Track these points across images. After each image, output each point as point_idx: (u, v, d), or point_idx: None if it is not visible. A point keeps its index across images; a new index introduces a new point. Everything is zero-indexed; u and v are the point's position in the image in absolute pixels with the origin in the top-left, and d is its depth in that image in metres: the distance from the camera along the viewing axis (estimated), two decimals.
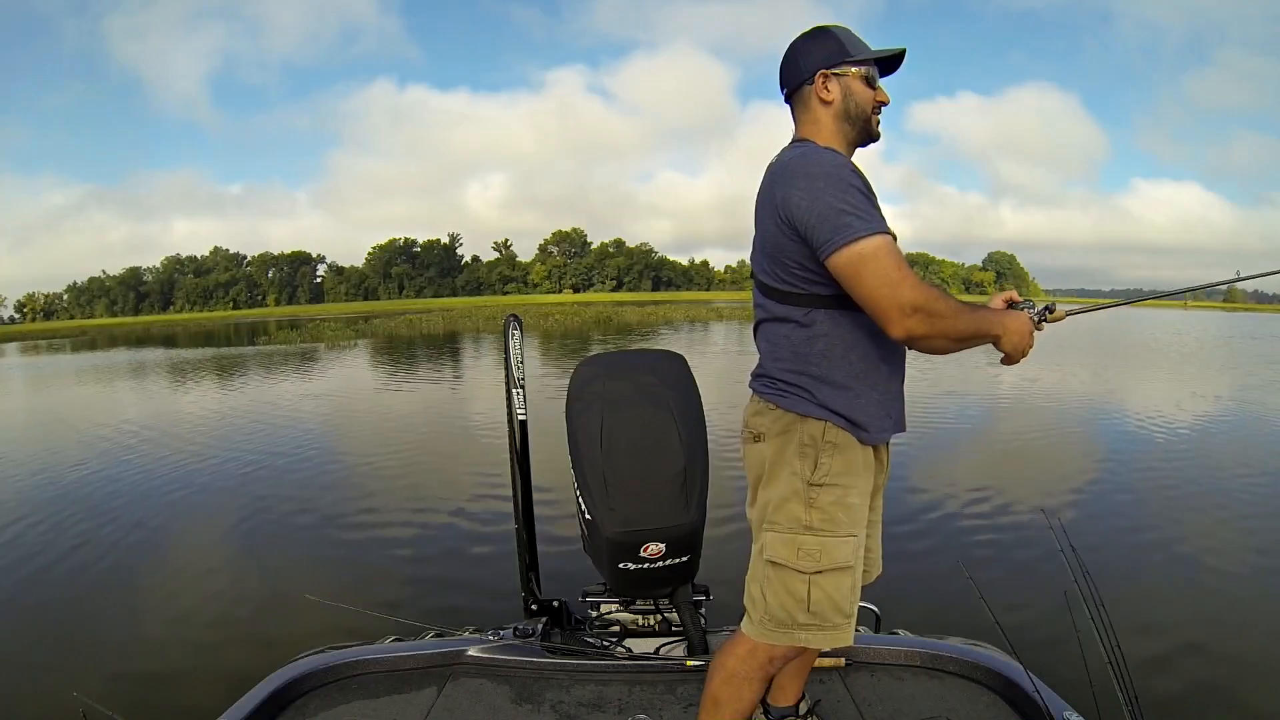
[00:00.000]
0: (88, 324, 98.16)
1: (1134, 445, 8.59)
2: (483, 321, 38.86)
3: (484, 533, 5.37)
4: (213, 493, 6.73)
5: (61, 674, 3.48)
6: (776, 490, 1.52)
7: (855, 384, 1.49)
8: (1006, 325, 1.47)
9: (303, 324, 44.61)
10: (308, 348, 26.84)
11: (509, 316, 2.43)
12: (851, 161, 1.47)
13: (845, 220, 1.35)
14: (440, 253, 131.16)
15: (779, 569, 1.51)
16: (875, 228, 1.36)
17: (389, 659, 2.10)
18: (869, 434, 1.49)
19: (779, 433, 1.52)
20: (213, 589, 4.54)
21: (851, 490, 1.49)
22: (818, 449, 1.48)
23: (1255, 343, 29.38)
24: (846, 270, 1.38)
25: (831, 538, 1.48)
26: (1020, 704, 1.84)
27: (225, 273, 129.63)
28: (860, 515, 1.51)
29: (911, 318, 1.35)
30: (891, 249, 1.36)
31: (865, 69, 1.54)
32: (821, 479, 1.48)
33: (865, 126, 1.57)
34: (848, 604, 1.51)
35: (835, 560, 1.48)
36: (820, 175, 1.41)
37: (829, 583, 1.49)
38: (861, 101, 1.55)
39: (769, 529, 1.53)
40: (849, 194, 1.38)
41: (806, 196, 1.40)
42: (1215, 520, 5.73)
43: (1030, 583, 4.25)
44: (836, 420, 1.48)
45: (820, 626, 1.50)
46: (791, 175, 1.45)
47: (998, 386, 13.59)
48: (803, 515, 1.49)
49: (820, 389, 1.48)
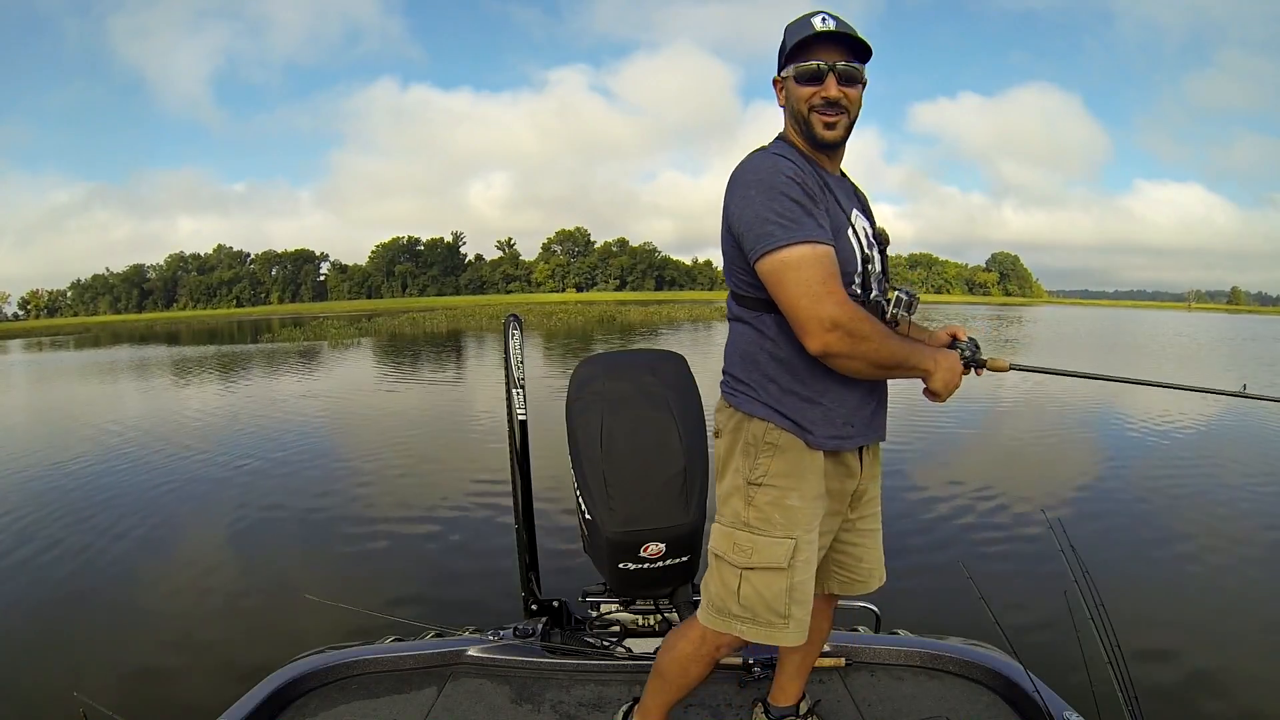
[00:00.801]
0: (91, 321, 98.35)
1: (1134, 446, 8.58)
2: (486, 320, 38.88)
3: (484, 533, 5.37)
4: (213, 492, 6.74)
5: (61, 674, 3.48)
6: (724, 484, 1.56)
7: (802, 388, 1.47)
8: (939, 362, 1.44)
9: (306, 322, 44.71)
10: (311, 346, 26.89)
11: (509, 316, 2.43)
12: (794, 166, 1.41)
13: (768, 229, 1.35)
14: (444, 251, 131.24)
15: (718, 560, 1.55)
16: (800, 236, 1.34)
17: (389, 659, 2.10)
18: (814, 438, 1.47)
19: (731, 430, 1.54)
20: (213, 589, 4.55)
21: (791, 493, 1.48)
22: (759, 448, 1.49)
23: (1256, 344, 29.29)
24: (769, 279, 1.37)
25: (765, 537, 1.49)
26: (1020, 704, 1.84)
27: (229, 270, 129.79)
28: (803, 518, 1.49)
29: (831, 333, 1.33)
30: (817, 260, 1.34)
31: (797, 65, 1.47)
32: (759, 478, 1.49)
33: (807, 130, 1.49)
34: (782, 604, 1.49)
35: (767, 560, 1.48)
36: (754, 183, 1.40)
37: (760, 580, 1.49)
38: (795, 102, 1.49)
39: (716, 520, 1.58)
40: (777, 202, 1.36)
41: (739, 204, 1.41)
42: (1215, 520, 5.73)
43: (1030, 583, 4.24)
44: (780, 421, 1.48)
45: (754, 621, 1.51)
46: (732, 183, 1.45)
47: (998, 387, 13.56)
48: (742, 511, 1.51)
49: (767, 389, 1.49)
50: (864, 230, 1.55)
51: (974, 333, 1.61)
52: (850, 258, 1.46)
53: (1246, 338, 33.32)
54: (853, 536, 1.67)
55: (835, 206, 1.46)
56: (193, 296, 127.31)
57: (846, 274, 1.44)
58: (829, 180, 1.49)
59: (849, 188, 1.62)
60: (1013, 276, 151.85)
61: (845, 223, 1.48)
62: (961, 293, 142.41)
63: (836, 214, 1.46)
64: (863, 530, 1.68)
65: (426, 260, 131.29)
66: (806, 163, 1.46)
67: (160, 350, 28.76)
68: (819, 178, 1.46)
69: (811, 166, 1.47)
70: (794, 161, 1.42)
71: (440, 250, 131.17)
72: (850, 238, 1.47)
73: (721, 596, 1.54)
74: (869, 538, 1.69)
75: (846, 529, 1.66)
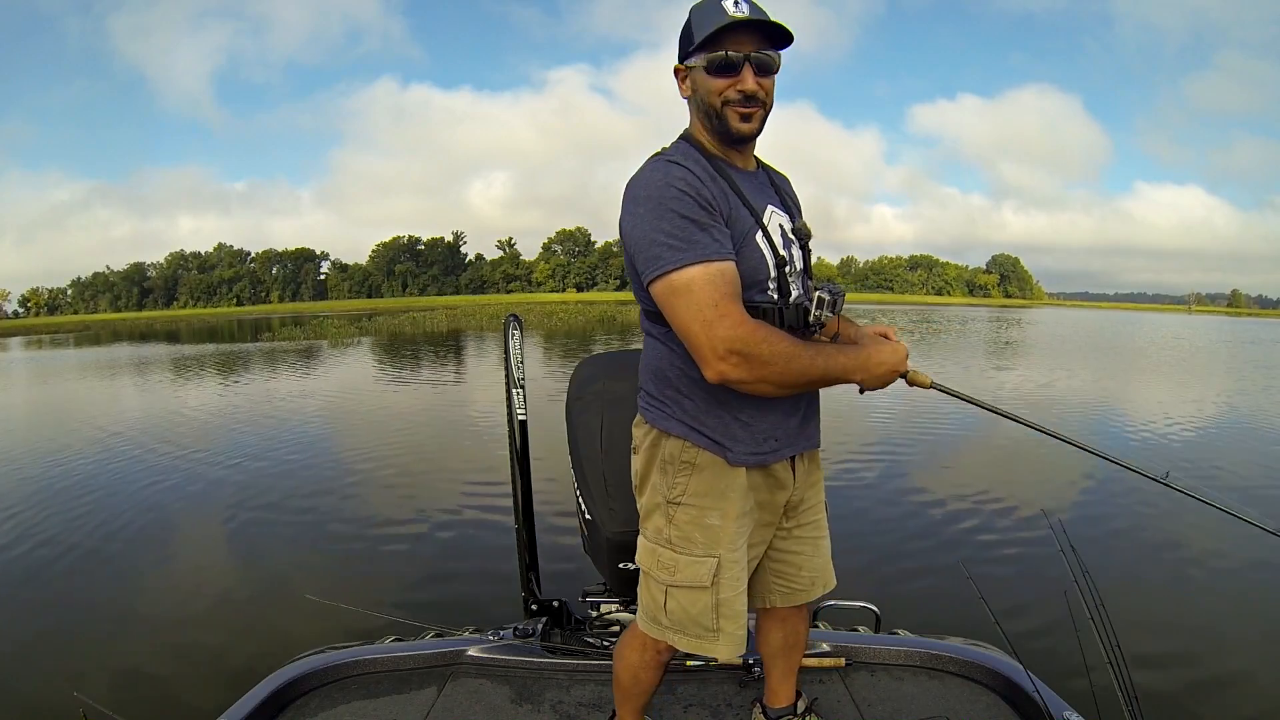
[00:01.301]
0: (91, 319, 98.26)
1: (1134, 446, 8.58)
2: (486, 320, 38.86)
3: (484, 533, 5.36)
4: (212, 491, 6.73)
5: (61, 674, 3.47)
6: (644, 501, 1.52)
7: (719, 404, 1.40)
8: (870, 369, 1.34)
9: (306, 321, 44.69)
10: (310, 345, 26.87)
11: (509, 316, 2.42)
12: (689, 175, 1.30)
13: (655, 251, 1.27)
14: (444, 251, 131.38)
15: (644, 574, 1.52)
16: (690, 258, 1.25)
17: (389, 659, 2.10)
18: (734, 455, 1.41)
19: (647, 447, 1.49)
20: (213, 588, 4.54)
21: (710, 512, 1.43)
22: (675, 467, 1.44)
23: (1256, 347, 29.29)
24: (661, 304, 1.31)
25: (686, 556, 1.45)
26: (1020, 704, 1.84)
27: (229, 269, 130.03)
28: (725, 537, 1.43)
29: (725, 361, 1.24)
30: (709, 280, 1.25)
31: (707, 55, 1.35)
32: (678, 498, 1.44)
33: (719, 124, 1.39)
34: (709, 620, 1.46)
35: (689, 578, 1.45)
36: (643, 199, 1.31)
37: (685, 597, 1.46)
38: (705, 95, 1.37)
39: (641, 534, 1.54)
40: (666, 220, 1.27)
41: (629, 223, 1.33)
42: (1215, 521, 5.63)
43: (1030, 583, 4.25)
44: (696, 439, 1.42)
45: (684, 633, 1.48)
46: (624, 199, 1.36)
47: (999, 388, 13.57)
48: (663, 528, 1.47)
49: (681, 404, 1.43)
50: (780, 228, 1.45)
51: (974, 334, 1.59)
52: (760, 264, 1.38)
53: (1247, 341, 33.31)
54: (790, 545, 1.61)
55: (743, 210, 1.37)
56: (193, 295, 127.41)
57: (759, 281, 1.37)
58: (738, 179, 1.40)
59: (764, 181, 1.51)
60: (1013, 278, 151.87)
61: (754, 225, 1.38)
62: (962, 294, 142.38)
63: (744, 218, 1.37)
64: (801, 539, 1.61)
65: (427, 260, 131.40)
66: (710, 164, 1.37)
67: (160, 348, 28.73)
68: (724, 180, 1.37)
69: (716, 167, 1.38)
70: (690, 168, 1.32)
71: (441, 250, 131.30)
72: (760, 241, 1.38)
73: (651, 608, 1.52)
74: (810, 545, 1.62)
75: (783, 538, 1.60)
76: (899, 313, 56.95)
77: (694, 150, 1.39)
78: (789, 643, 1.73)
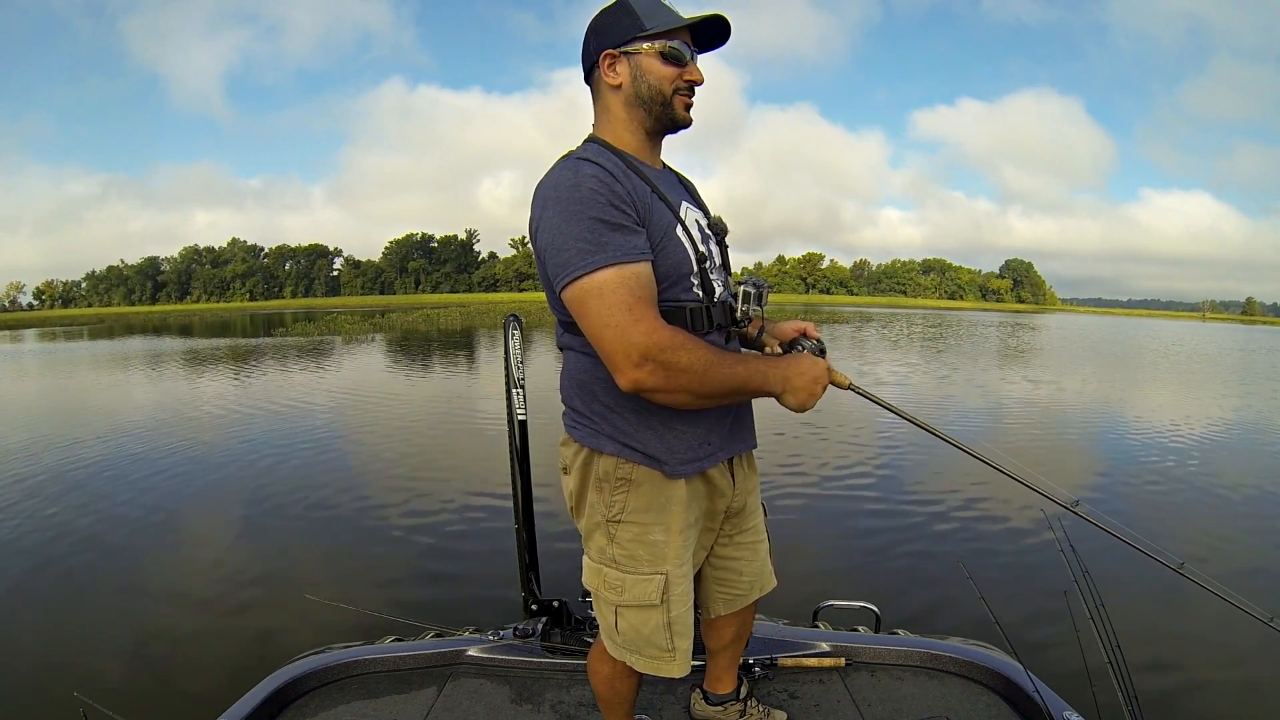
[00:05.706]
0: (105, 312, 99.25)
1: (1134, 448, 8.52)
2: (498, 318, 38.87)
3: (484, 533, 5.35)
4: (213, 489, 6.74)
5: (61, 674, 3.47)
6: (583, 521, 1.47)
7: (648, 415, 1.35)
8: (791, 381, 1.30)
9: (319, 317, 44.90)
10: (323, 340, 26.96)
11: (509, 316, 2.41)
12: (601, 173, 1.25)
13: (565, 256, 1.21)
14: (457, 249, 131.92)
15: (594, 595, 1.49)
16: (602, 260, 1.19)
17: (389, 659, 2.11)
18: (670, 467, 1.36)
19: (579, 466, 1.43)
20: (213, 588, 4.52)
21: (653, 527, 1.39)
22: (611, 485, 1.39)
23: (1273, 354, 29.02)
24: (573, 310, 1.25)
25: (633, 574, 1.41)
26: (1020, 704, 1.83)
27: (242, 264, 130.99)
28: (671, 552, 1.40)
29: (640, 369, 1.18)
30: (622, 283, 1.19)
31: (663, 43, 1.32)
32: (618, 516, 1.40)
33: (664, 111, 1.36)
34: (661, 638, 1.43)
35: (638, 597, 1.41)
36: (552, 201, 1.24)
37: (635, 617, 1.43)
38: (656, 82, 1.34)
39: (585, 554, 1.49)
40: (576, 222, 1.21)
41: (539, 228, 1.27)
42: (1215, 522, 5.72)
43: (1030, 583, 4.23)
44: (629, 455, 1.36)
45: (639, 654, 1.46)
46: (536, 201, 1.30)
47: (999, 388, 13.49)
48: (607, 548, 1.43)
49: (610, 420, 1.37)
50: (697, 223, 1.42)
51: (987, 339, 1.56)
52: (683, 259, 1.33)
53: (1263, 349, 32.97)
54: (731, 551, 1.59)
55: (661, 205, 1.33)
56: (206, 289, 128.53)
57: (682, 276, 1.33)
58: (653, 176, 1.36)
59: (673, 179, 1.49)
60: (1026, 283, 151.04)
61: (674, 220, 1.34)
62: (975, 299, 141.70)
63: (663, 214, 1.32)
64: (741, 544, 1.60)
65: (440, 257, 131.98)
66: (623, 162, 1.31)
67: (172, 342, 28.88)
68: (638, 177, 1.32)
69: (628, 164, 1.32)
70: (602, 164, 1.26)
71: (454, 247, 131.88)
72: (680, 236, 1.34)
73: (605, 628, 1.50)
74: (749, 550, 1.61)
75: (723, 544, 1.59)
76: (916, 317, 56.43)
77: (605, 149, 1.34)
78: (740, 635, 1.75)
